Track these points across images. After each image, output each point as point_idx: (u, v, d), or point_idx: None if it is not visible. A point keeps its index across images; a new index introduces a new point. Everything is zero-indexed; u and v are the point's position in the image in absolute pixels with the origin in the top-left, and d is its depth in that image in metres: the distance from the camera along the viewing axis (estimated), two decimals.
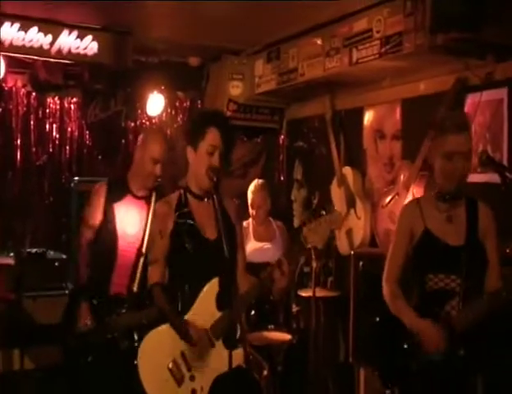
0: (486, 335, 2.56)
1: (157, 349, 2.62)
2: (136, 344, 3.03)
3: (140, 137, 3.47)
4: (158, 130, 4.83)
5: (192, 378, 2.58)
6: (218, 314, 2.59)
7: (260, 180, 4.66)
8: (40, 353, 4.05)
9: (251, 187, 4.59)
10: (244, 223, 4.51)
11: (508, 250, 2.90)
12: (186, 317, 2.61)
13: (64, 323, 3.37)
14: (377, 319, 2.75)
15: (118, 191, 3.37)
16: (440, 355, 2.47)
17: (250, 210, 4.56)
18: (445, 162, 2.53)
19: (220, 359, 2.52)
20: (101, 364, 3.17)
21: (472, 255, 2.56)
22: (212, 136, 2.63)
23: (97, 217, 3.35)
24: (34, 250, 4.47)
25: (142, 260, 3.29)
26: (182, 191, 2.75)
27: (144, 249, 3.29)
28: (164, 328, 2.63)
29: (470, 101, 3.73)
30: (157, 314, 2.95)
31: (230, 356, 2.35)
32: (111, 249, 3.31)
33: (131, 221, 3.34)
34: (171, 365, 2.58)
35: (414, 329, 2.53)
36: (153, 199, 3.37)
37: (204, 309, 2.60)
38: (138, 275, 3.28)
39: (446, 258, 2.58)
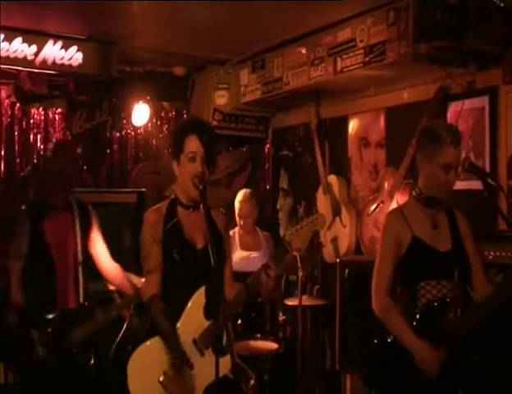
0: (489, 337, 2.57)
1: (146, 363, 2.59)
2: (94, 355, 3.15)
3: (46, 151, 3.48)
4: (66, 141, 4.83)
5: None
6: (206, 323, 2.58)
7: (248, 190, 4.67)
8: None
9: (239, 197, 4.59)
10: (231, 232, 4.49)
11: (491, 257, 2.92)
12: (176, 327, 2.60)
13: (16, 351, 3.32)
14: (376, 341, 2.70)
15: (39, 211, 3.39)
16: (433, 378, 2.45)
17: (237, 219, 4.56)
18: (441, 174, 2.56)
19: (210, 368, 2.49)
20: (63, 381, 3.15)
21: (460, 259, 2.59)
22: (190, 144, 2.62)
23: (24, 246, 3.35)
24: None
25: (81, 269, 3.33)
26: (171, 201, 2.74)
27: (80, 259, 3.34)
28: (152, 342, 2.61)
29: (452, 109, 3.78)
30: (111, 317, 3.12)
31: (217, 363, 2.34)
32: (48, 268, 3.31)
33: (61, 234, 3.36)
34: (161, 378, 2.55)
35: (411, 350, 2.50)
36: (75, 206, 3.41)
37: (193, 318, 2.59)
38: (81, 285, 3.31)
39: (437, 264, 2.59)
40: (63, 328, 3.19)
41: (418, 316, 2.58)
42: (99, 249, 3.49)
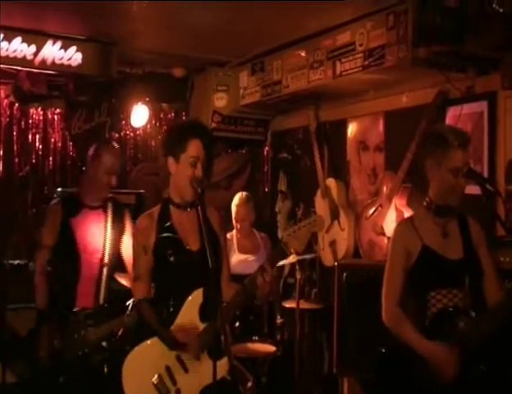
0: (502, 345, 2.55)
1: (141, 365, 2.60)
2: (107, 357, 3.10)
3: (91, 150, 3.42)
4: (110, 143, 4.80)
5: (178, 392, 2.56)
6: (202, 326, 2.58)
7: (244, 193, 4.66)
8: (22, 366, 3.99)
9: (235, 200, 4.58)
10: (228, 235, 4.49)
11: None
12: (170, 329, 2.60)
13: (33, 343, 3.28)
14: (383, 350, 2.70)
15: (73, 206, 3.36)
16: (452, 379, 2.43)
17: (234, 223, 4.55)
18: (451, 178, 2.54)
19: (205, 371, 2.50)
20: (73, 381, 3.13)
21: (472, 268, 2.57)
22: (194, 148, 2.63)
23: (53, 237, 3.32)
24: (16, 262, 4.42)
25: (105, 271, 3.30)
26: (164, 203, 2.74)
27: (106, 260, 3.31)
28: (148, 344, 2.62)
29: (451, 114, 3.78)
30: (127, 322, 3.06)
31: (215, 367, 2.34)
32: (73, 264, 3.28)
33: (91, 233, 3.33)
34: (156, 381, 2.56)
35: (425, 355, 2.48)
36: (110, 207, 3.38)
37: (188, 320, 2.59)
38: (103, 286, 3.28)
39: (448, 273, 2.56)
40: (78, 328, 3.17)
41: (427, 325, 2.55)
42: (129, 253, 3.41)
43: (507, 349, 2.62)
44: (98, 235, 3.33)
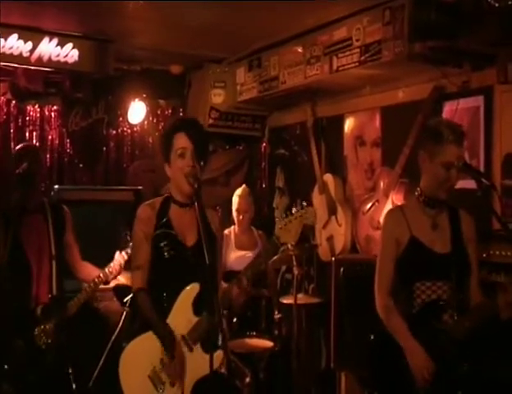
0: (486, 344, 2.58)
1: (137, 358, 2.62)
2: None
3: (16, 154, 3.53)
4: (31, 144, 4.80)
5: (172, 384, 2.58)
6: (195, 319, 2.60)
7: (246, 186, 4.70)
8: None
9: (238, 191, 4.61)
10: (226, 231, 4.52)
11: (484, 255, 2.94)
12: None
13: None
14: (372, 337, 2.73)
15: (13, 213, 3.43)
16: (425, 387, 2.45)
17: (235, 215, 4.56)
18: (443, 172, 2.56)
19: (199, 364, 2.53)
20: (33, 377, 3.20)
21: (459, 262, 2.59)
22: (179, 141, 2.64)
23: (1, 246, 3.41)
24: None
25: (54, 263, 3.38)
26: (165, 198, 2.75)
27: (53, 252, 3.38)
28: (144, 337, 2.63)
29: (448, 108, 3.79)
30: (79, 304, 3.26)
31: (211, 359, 2.34)
32: (23, 267, 3.36)
33: (34, 235, 3.40)
34: (151, 373, 2.59)
35: (406, 353, 2.51)
36: (48, 209, 3.46)
37: (181, 314, 2.61)
38: (54, 279, 3.36)
39: (433, 266, 2.59)
40: (35, 323, 3.26)
41: (414, 315, 2.59)
42: (72, 252, 3.54)
43: (491, 348, 2.65)
44: (42, 236, 3.40)
